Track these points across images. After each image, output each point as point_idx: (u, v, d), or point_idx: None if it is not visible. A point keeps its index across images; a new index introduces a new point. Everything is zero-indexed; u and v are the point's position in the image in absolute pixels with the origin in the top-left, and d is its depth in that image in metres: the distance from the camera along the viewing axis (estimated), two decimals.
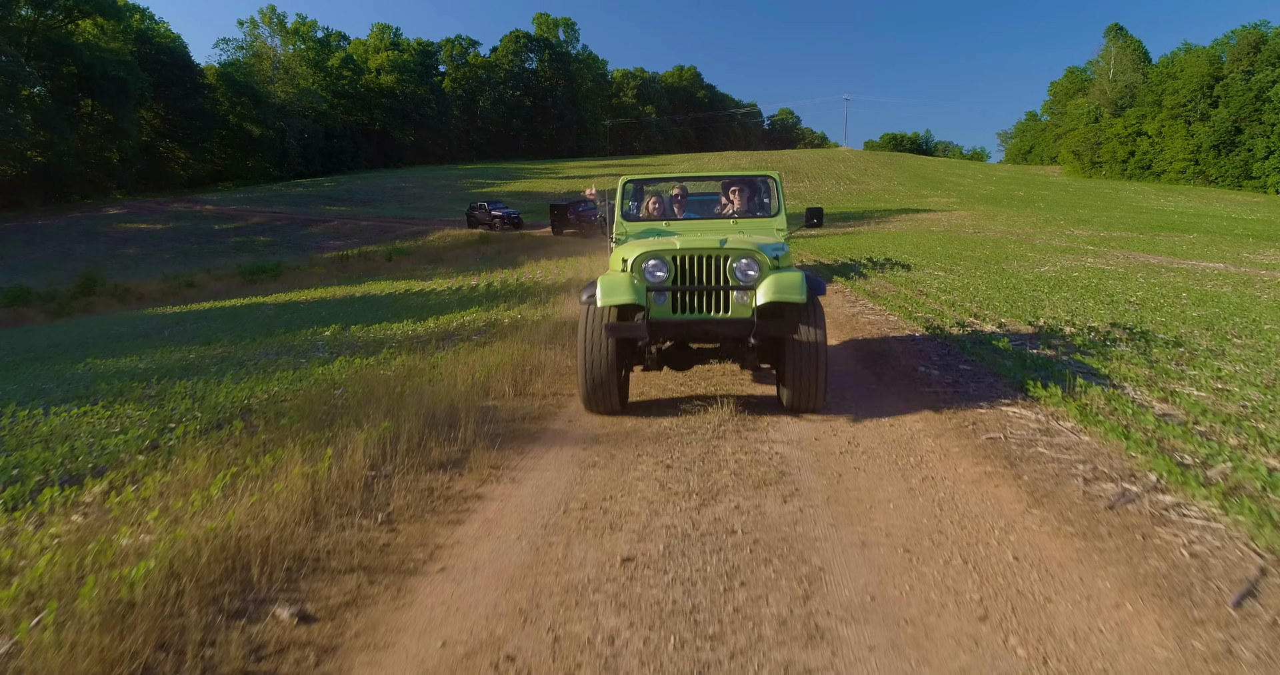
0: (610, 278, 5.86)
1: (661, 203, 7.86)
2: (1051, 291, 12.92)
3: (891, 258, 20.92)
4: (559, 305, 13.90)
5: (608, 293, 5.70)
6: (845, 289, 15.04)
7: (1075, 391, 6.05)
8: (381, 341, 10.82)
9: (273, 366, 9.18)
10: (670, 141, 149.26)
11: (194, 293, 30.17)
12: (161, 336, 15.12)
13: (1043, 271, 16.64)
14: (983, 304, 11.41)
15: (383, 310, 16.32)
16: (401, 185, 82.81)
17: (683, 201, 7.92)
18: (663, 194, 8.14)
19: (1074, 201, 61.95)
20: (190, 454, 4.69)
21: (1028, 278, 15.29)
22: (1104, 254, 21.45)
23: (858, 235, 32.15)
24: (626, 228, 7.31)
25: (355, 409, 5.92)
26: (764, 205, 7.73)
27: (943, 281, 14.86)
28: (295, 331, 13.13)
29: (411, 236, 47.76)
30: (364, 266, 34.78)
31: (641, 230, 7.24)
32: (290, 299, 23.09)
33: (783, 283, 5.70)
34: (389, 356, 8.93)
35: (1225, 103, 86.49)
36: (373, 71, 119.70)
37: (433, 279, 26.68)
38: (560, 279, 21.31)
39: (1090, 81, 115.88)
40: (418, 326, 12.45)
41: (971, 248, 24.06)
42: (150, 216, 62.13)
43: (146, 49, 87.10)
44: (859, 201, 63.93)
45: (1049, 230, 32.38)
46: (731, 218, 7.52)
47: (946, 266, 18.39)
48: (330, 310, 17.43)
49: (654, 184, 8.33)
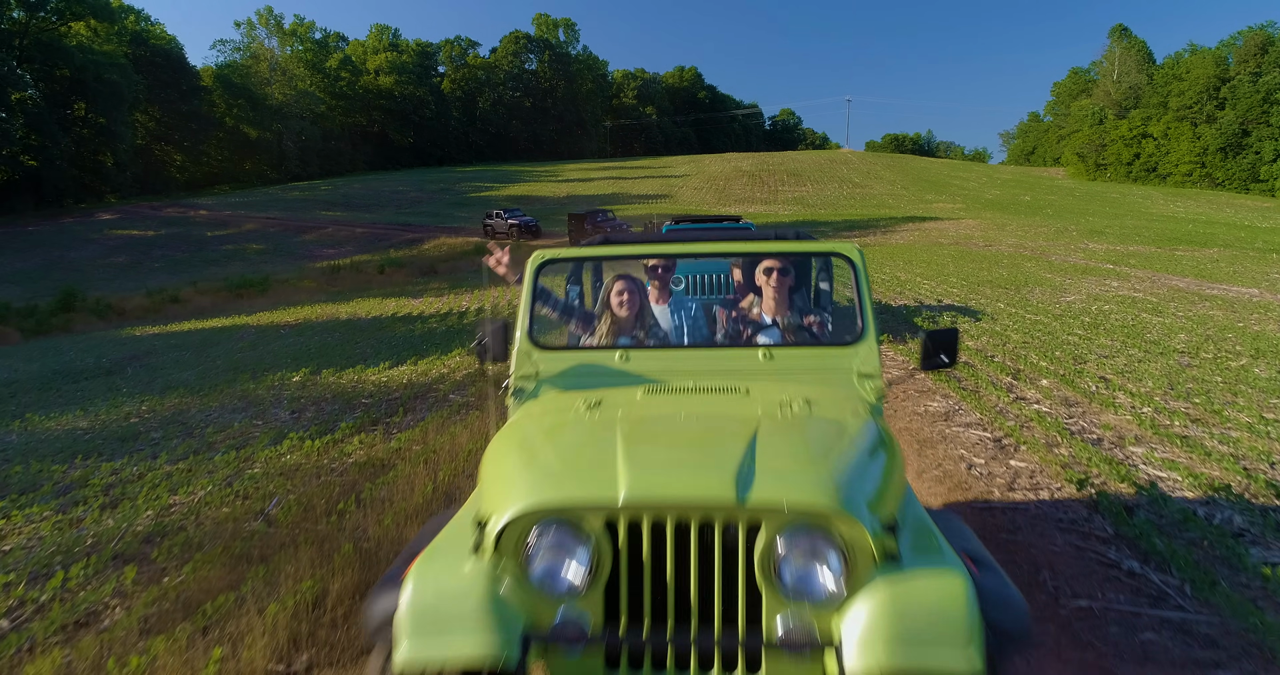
0: (437, 575, 2.31)
1: (633, 293, 3.86)
2: (1088, 335, 11.82)
3: (918, 293, 19.85)
4: None
5: (421, 629, 2.20)
6: (898, 358, 10.87)
7: None
8: (350, 398, 9.75)
9: (220, 437, 8.14)
10: (671, 142, 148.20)
11: (177, 309, 29.09)
12: (124, 374, 14.06)
13: (1070, 302, 15.54)
14: (1018, 358, 10.30)
15: (362, 343, 15.25)
16: (399, 189, 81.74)
17: (664, 281, 4.35)
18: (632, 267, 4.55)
19: (1082, 208, 60.86)
20: (43, 646, 3.61)
21: (1056, 312, 14.20)
22: (1127, 276, 20.37)
23: (865, 249, 30.84)
24: (537, 363, 3.44)
25: (281, 541, 4.84)
26: (826, 309, 4.58)
27: (968, 326, 13.76)
28: (263, 375, 12.06)
29: (406, 245, 46.70)
30: (355, 279, 33.71)
31: (566, 375, 3.43)
32: (273, 321, 22.02)
33: (919, 622, 2.11)
34: (346, 433, 7.84)
35: (1232, 105, 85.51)
36: (371, 73, 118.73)
37: (424, 296, 25.63)
38: None
39: (1094, 82, 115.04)
40: (393, 373, 11.39)
41: (987, 267, 22.99)
42: (142, 222, 61.06)
43: (141, 51, 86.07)
44: (863, 207, 62.88)
45: (1063, 244, 31.31)
46: (759, 337, 3.88)
47: (963, 293, 17.31)
48: (308, 341, 16.36)
49: (598, 259, 4.53)
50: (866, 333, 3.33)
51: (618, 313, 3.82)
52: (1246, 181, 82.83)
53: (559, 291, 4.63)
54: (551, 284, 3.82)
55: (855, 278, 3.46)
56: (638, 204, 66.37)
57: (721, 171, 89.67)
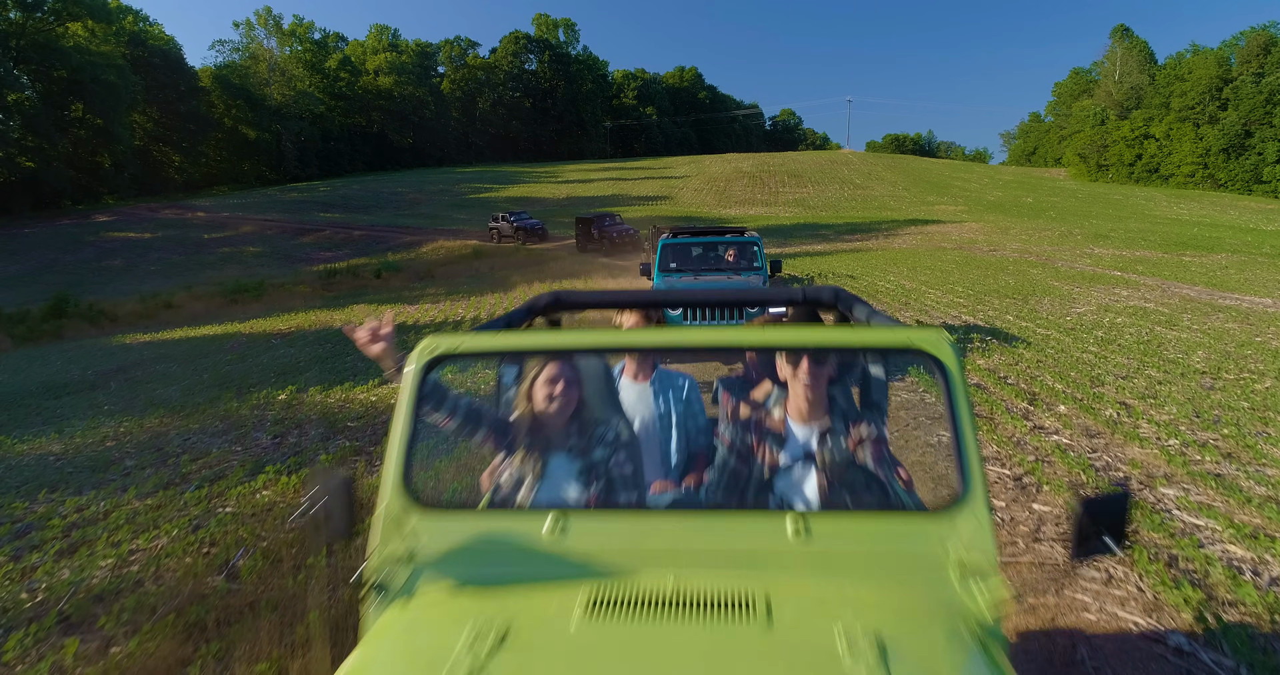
0: None
1: (570, 384, 2.74)
2: (1101, 353, 11.39)
3: (925, 303, 19.41)
4: None
5: None
6: None
7: None
8: (335, 421, 9.34)
9: (195, 467, 7.74)
10: (671, 143, 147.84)
11: (171, 315, 28.67)
12: (108, 388, 13.66)
13: (1080, 314, 15.12)
14: (1032, 380, 9.87)
15: (353, 356, 14.82)
16: (398, 190, 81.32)
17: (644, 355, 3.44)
18: None
19: (1085, 210, 60.46)
20: None
21: (1066, 325, 13.78)
22: (1136, 284, 19.95)
23: (867, 253, 30.64)
24: (416, 534, 2.12)
25: (242, 603, 4.42)
26: (881, 414, 3.41)
27: (980, 342, 13.32)
28: (248, 393, 11.66)
29: (404, 248, 46.28)
30: (351, 284, 33.28)
31: (462, 558, 2.09)
32: (265, 329, 21.61)
33: None
34: (326, 466, 7.42)
35: (1235, 105, 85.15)
36: (371, 73, 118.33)
37: (419, 303, 25.22)
38: None
39: (1095, 83, 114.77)
40: (382, 392, 10.98)
41: (992, 274, 22.58)
42: (139, 224, 60.68)
43: (139, 51, 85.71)
44: (864, 209, 62.49)
45: (1068, 248, 30.89)
46: (785, 471, 2.66)
47: (970, 304, 16.90)
48: (299, 353, 15.95)
49: None
50: (971, 490, 1.95)
51: (541, 409, 2.67)
52: (1249, 183, 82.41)
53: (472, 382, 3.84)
54: None
55: (948, 390, 2.07)
56: (638, 206, 65.97)
57: (722, 172, 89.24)
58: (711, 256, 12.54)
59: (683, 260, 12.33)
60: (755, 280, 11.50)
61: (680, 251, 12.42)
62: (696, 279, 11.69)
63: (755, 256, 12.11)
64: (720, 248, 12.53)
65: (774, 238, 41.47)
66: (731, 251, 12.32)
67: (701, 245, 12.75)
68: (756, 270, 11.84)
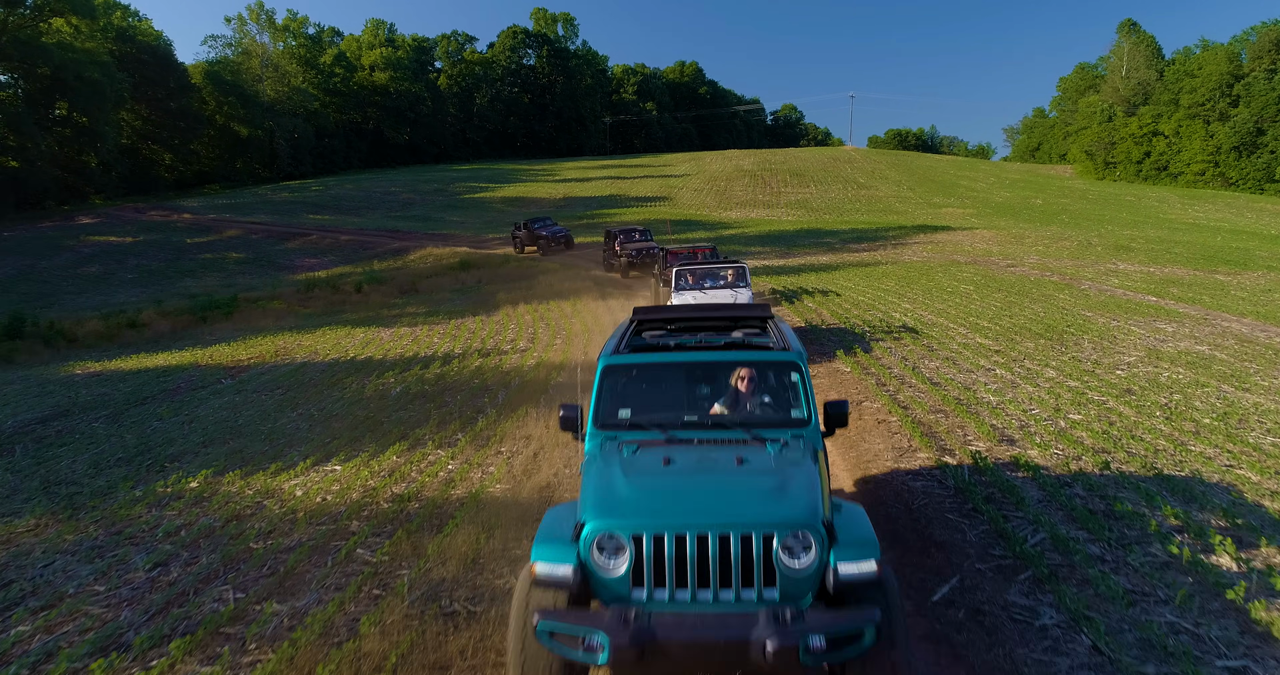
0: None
1: None
2: (1177, 436, 9.49)
3: (951, 348, 17.57)
4: (521, 441, 10.53)
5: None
6: None
7: None
8: (237, 542, 7.51)
9: (28, 630, 5.92)
10: (671, 139, 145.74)
11: (133, 336, 26.81)
12: (12, 455, 11.85)
13: (1130, 364, 13.24)
14: (1111, 500, 7.99)
15: (301, 409, 13.03)
16: (391, 189, 79.44)
17: None
18: None
19: (1098, 214, 58.58)
20: None
21: (1121, 386, 11.90)
22: (1177, 315, 18.08)
23: (877, 269, 28.71)
24: None
25: None
26: None
27: (1030, 432, 11.37)
28: (156, 475, 9.88)
29: (391, 255, 44.43)
30: (329, 299, 31.38)
31: None
32: (222, 360, 19.82)
33: None
34: (186, 650, 5.55)
35: (1246, 102, 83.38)
36: (366, 69, 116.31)
37: (395, 325, 23.43)
38: (537, 353, 17.98)
39: (1101, 78, 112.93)
40: (311, 481, 9.17)
41: (1017, 300, 20.71)
42: (122, 228, 58.80)
43: (127, 48, 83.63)
44: (869, 211, 60.60)
45: (1090, 262, 29.02)
46: None
47: (1002, 347, 15.04)
48: (242, 403, 14.13)
49: None
50: None
51: None
52: (1261, 181, 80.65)
53: None
54: None
55: None
56: (636, 207, 64.12)
57: (722, 170, 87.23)
58: None
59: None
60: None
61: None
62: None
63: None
64: None
65: (777, 245, 39.60)
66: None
67: None
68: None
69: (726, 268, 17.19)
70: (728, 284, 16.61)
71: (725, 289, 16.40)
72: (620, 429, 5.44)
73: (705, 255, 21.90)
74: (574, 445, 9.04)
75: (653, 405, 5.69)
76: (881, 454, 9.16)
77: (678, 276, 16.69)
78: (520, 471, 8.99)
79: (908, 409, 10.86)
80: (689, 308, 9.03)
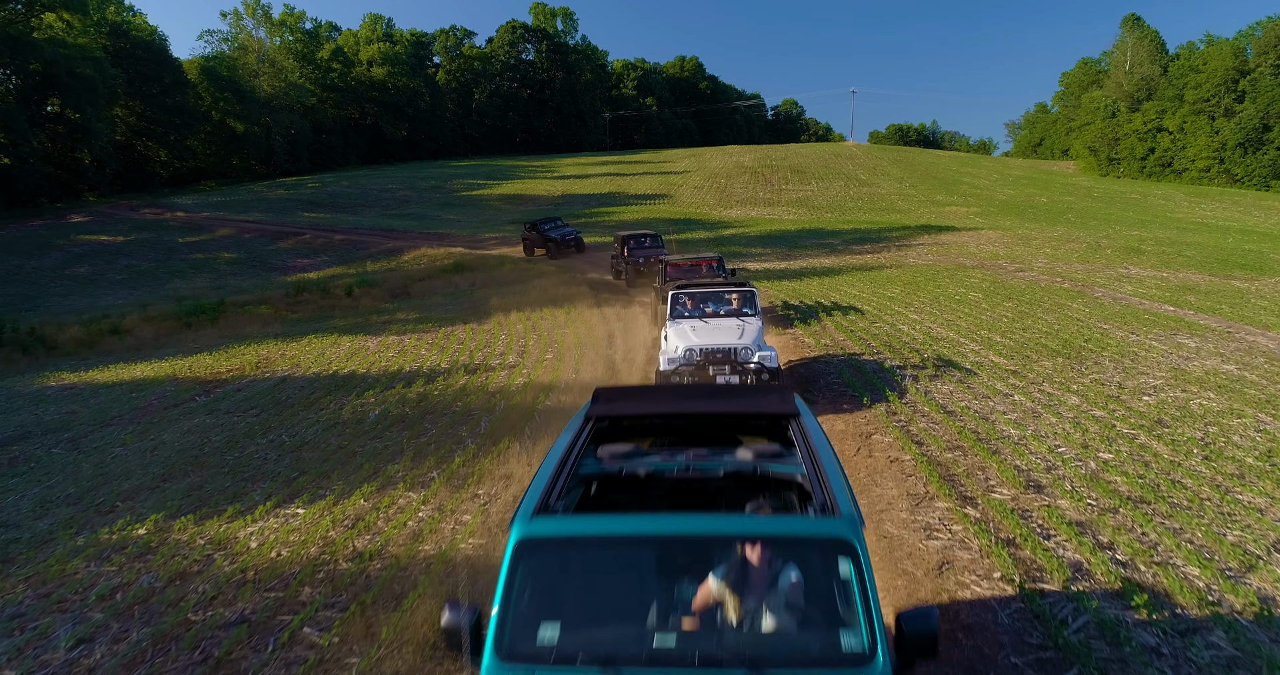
0: None
1: None
2: (1219, 481, 8.65)
3: (963, 354, 16.73)
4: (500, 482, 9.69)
5: None
6: None
7: None
8: (178, 609, 6.70)
9: None
10: (672, 134, 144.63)
11: (114, 343, 25.94)
12: None
13: (1157, 388, 12.41)
14: (1162, 568, 7.17)
15: (273, 435, 12.21)
16: (388, 187, 78.52)
17: None
18: None
19: (1104, 212, 57.67)
20: None
21: (1150, 416, 11.07)
22: (1199, 328, 17.23)
23: (881, 274, 27.85)
24: None
25: None
26: None
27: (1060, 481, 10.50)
28: (102, 521, 9.05)
29: (385, 256, 43.55)
30: (319, 303, 30.50)
31: None
32: (202, 372, 19.02)
33: None
34: None
35: (1252, 98, 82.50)
36: (364, 64, 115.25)
37: (383, 333, 22.61)
38: (526, 370, 17.14)
39: (1105, 73, 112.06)
40: (270, 530, 8.35)
41: (1029, 309, 19.87)
42: (114, 226, 57.86)
43: (121, 43, 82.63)
44: (871, 210, 59.69)
45: (1101, 268, 28.15)
46: None
47: (1019, 366, 14.20)
48: (212, 426, 13.32)
49: None
50: None
51: None
52: (1267, 178, 79.75)
53: None
54: None
55: None
56: (635, 205, 63.22)
57: (723, 167, 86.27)
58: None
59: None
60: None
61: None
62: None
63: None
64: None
65: (778, 247, 38.72)
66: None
67: None
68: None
69: (732, 291, 14.78)
70: (733, 310, 14.28)
71: (731, 317, 14.06)
72: (539, 663, 3.32)
73: (710, 268, 19.92)
74: None
75: (601, 613, 3.62)
76: (895, 502, 8.31)
77: (674, 301, 14.41)
78: (496, 522, 8.15)
79: (922, 445, 10.00)
80: (670, 394, 6.60)
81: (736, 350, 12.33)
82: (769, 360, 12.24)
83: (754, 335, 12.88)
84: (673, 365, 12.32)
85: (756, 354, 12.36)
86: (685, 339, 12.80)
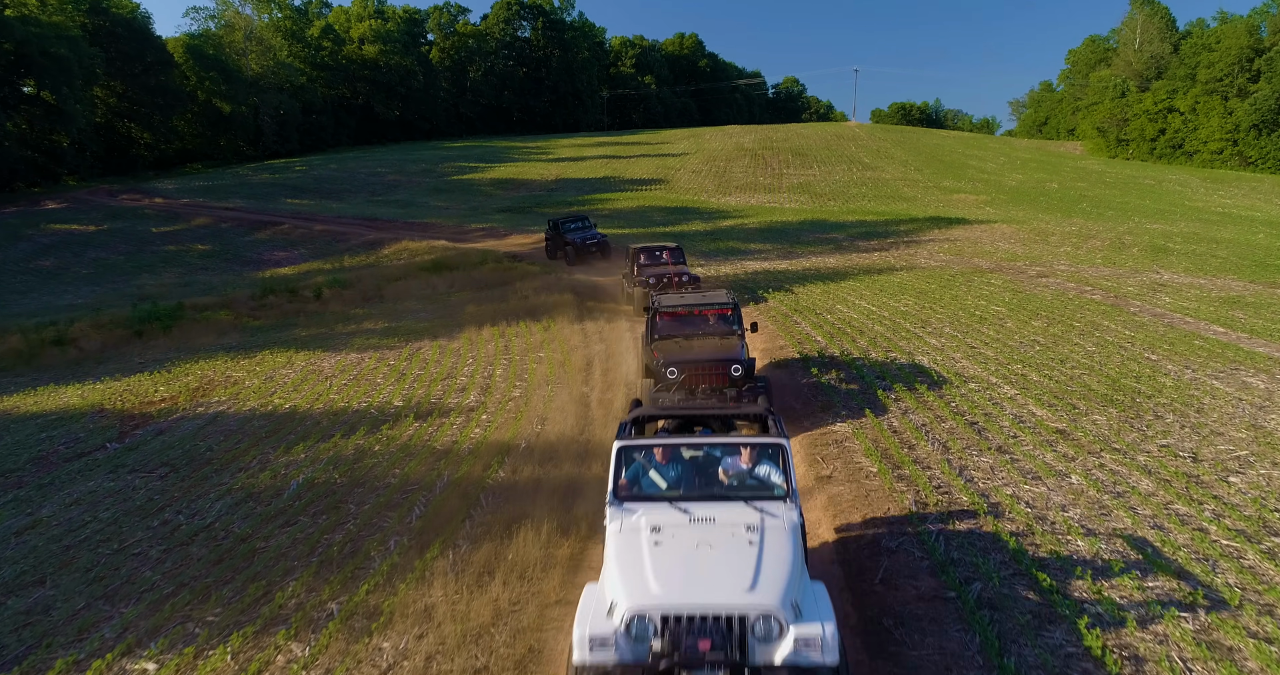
0: None
1: None
2: None
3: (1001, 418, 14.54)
4: (414, 624, 7.51)
5: None
6: None
7: None
8: None
9: None
10: (670, 113, 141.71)
11: (55, 356, 23.71)
12: None
13: (1244, 459, 10.22)
14: None
15: (162, 523, 10.06)
16: (377, 170, 76.03)
17: None
18: None
19: (1119, 200, 55.25)
20: None
21: (1243, 512, 8.88)
22: (1260, 360, 15.02)
23: (891, 279, 25.58)
24: None
25: None
26: None
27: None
28: None
29: (364, 249, 41.32)
30: (284, 309, 28.25)
31: None
32: (133, 402, 16.88)
33: None
34: None
35: (1268, 78, 79.96)
36: (355, 42, 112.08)
37: (345, 348, 20.48)
38: (485, 416, 14.99)
39: (1113, 51, 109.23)
40: None
41: (1061, 331, 17.67)
42: (88, 214, 55.50)
43: (101, 21, 79.82)
44: (876, 197, 57.28)
45: (1130, 273, 25.91)
46: None
47: (1066, 422, 12.01)
48: (105, 494, 11.19)
49: None
50: None
51: None
52: None
53: None
54: None
55: None
56: (632, 191, 60.86)
57: (722, 149, 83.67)
58: None
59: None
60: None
61: None
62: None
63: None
64: None
65: (779, 242, 36.39)
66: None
67: None
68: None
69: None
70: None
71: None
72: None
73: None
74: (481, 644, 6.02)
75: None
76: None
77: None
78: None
79: (968, 585, 7.64)
80: None
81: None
82: None
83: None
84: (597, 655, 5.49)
85: None
86: (637, 585, 5.75)
